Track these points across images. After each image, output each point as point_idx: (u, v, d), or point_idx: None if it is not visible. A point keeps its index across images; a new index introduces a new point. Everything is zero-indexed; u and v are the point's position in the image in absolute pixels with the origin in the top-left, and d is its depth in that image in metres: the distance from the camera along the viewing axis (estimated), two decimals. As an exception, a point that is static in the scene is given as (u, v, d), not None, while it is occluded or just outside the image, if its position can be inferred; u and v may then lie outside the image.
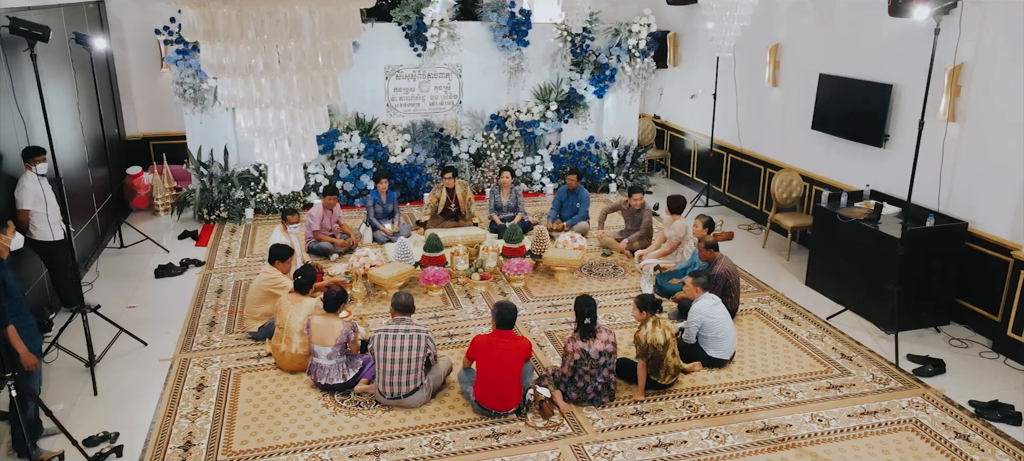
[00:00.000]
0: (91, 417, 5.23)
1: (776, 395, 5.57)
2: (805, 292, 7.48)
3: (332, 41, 2.21)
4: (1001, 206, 6.28)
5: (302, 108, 2.34)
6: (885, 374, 5.86)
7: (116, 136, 9.93)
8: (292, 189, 2.70)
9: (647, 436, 5.05)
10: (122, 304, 7.08)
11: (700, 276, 6.05)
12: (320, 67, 2.22)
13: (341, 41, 2.29)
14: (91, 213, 8.54)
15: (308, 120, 2.42)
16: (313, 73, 2.30)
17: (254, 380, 5.72)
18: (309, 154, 2.69)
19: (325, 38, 2.17)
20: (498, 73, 10.82)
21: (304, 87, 2.29)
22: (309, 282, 6.00)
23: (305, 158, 2.65)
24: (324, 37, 2.16)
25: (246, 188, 9.58)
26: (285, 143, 2.55)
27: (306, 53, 2.18)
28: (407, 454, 4.85)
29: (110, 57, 9.82)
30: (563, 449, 4.91)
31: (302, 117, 2.38)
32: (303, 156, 2.61)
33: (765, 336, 6.50)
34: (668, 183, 11.72)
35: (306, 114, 2.39)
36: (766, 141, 9.43)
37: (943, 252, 6.55)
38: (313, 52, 2.19)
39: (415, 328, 5.31)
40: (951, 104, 6.62)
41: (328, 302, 5.56)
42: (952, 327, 6.70)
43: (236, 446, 4.91)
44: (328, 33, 2.17)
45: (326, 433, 5.06)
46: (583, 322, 5.29)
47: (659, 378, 5.52)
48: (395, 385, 5.25)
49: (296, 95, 2.29)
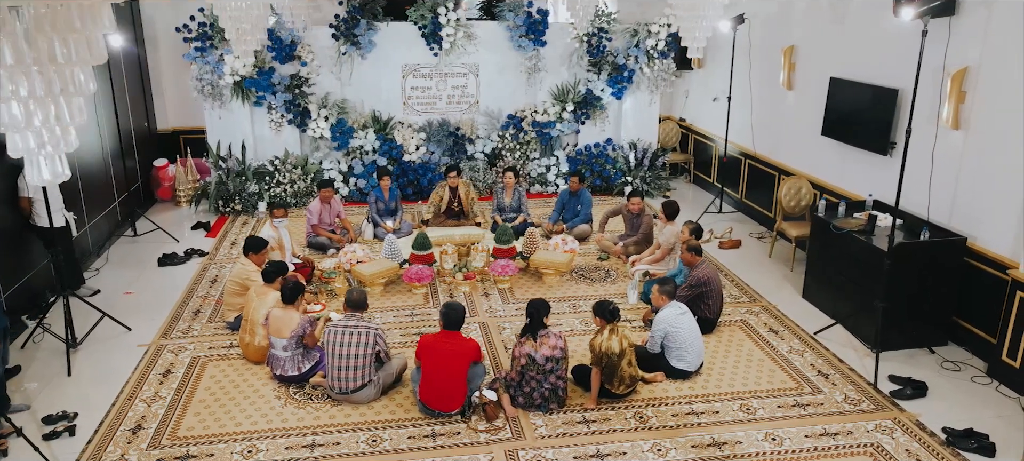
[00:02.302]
0: (59, 396, 5.48)
1: (735, 410, 5.35)
2: (800, 305, 7.16)
3: (74, 35, 2.23)
4: (1001, 221, 5.85)
5: (52, 101, 2.38)
6: (859, 394, 5.55)
7: (146, 129, 10.39)
8: (58, 179, 2.72)
9: (586, 446, 4.93)
10: (123, 290, 7.40)
11: (666, 284, 5.88)
12: (60, 61, 2.26)
13: (82, 35, 2.29)
14: (111, 202, 8.97)
15: (62, 112, 2.46)
16: (61, 66, 2.34)
17: (219, 369, 5.88)
18: (70, 145, 2.70)
19: (64, 32, 2.20)
20: (515, 73, 10.78)
21: (48, 80, 2.33)
22: (275, 274, 6.12)
23: (66, 148, 2.66)
24: (63, 31, 2.19)
25: (260, 182, 9.85)
26: (44, 134, 2.57)
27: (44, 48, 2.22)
28: (342, 449, 4.89)
29: (141, 53, 10.27)
30: (497, 454, 4.85)
31: (50, 109, 2.40)
32: (63, 147, 2.64)
33: (743, 349, 6.25)
34: (690, 188, 11.43)
35: (61, 106, 2.42)
36: (780, 146, 9.08)
37: (939, 268, 6.15)
38: (51, 46, 2.22)
39: (364, 325, 5.35)
40: (955, 111, 6.21)
41: (284, 294, 5.66)
42: (949, 348, 6.28)
43: (182, 432, 5.06)
44: (58, 27, 2.20)
45: (271, 424, 5.15)
46: (531, 325, 5.23)
47: (613, 387, 5.39)
48: (343, 380, 5.30)
49: (41, 88, 2.34)
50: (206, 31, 9.49)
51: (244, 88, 9.79)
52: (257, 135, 10.24)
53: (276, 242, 7.25)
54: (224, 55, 9.48)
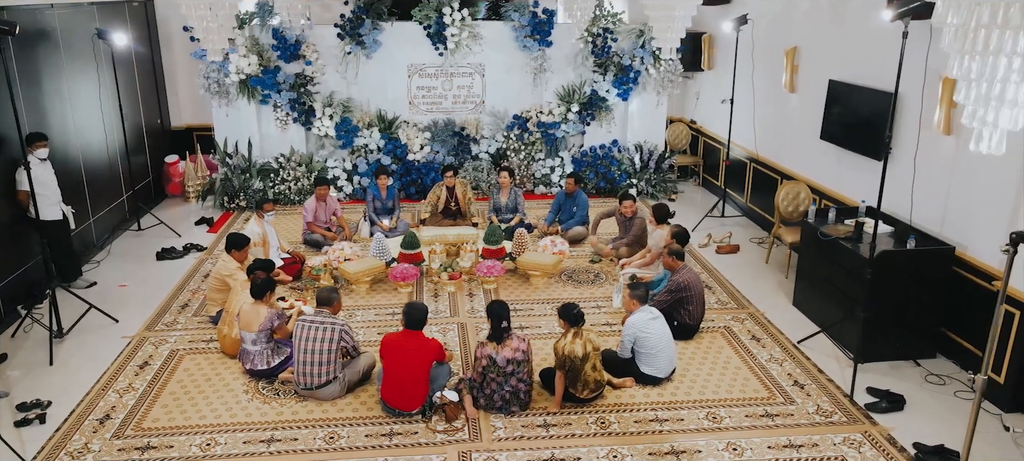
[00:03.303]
0: (39, 385, 5.64)
1: (700, 419, 5.25)
2: (789, 313, 6.99)
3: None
4: (990, 230, 5.63)
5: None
6: (833, 406, 5.40)
7: (159, 126, 10.65)
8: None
9: (542, 450, 4.89)
10: (118, 282, 7.59)
11: (637, 289, 5.78)
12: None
13: None
14: (119, 196, 9.21)
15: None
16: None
17: (195, 362, 5.98)
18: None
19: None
20: (522, 73, 10.74)
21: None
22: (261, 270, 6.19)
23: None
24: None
25: (265, 179, 10.01)
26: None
27: None
28: (299, 445, 4.93)
29: (156, 52, 10.53)
30: (451, 455, 4.84)
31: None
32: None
33: (720, 356, 6.13)
34: (698, 191, 11.26)
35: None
36: (783, 150, 8.88)
37: (926, 278, 5.94)
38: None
39: (331, 321, 5.39)
40: (946, 115, 6.00)
41: (253, 290, 5.74)
42: (938, 361, 6.07)
43: (148, 423, 5.16)
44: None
45: (235, 418, 5.22)
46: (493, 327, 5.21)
47: (577, 392, 5.33)
48: (308, 376, 5.35)
49: None
50: (213, 30, 9.66)
51: (250, 86, 9.95)
52: (264, 133, 10.40)
53: (261, 238, 7.35)
54: (229, 54, 9.64)
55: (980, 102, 3.25)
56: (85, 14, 8.48)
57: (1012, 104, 3.17)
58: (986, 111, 3.24)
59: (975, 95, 3.28)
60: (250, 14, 9.89)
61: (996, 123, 3.23)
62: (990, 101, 3.21)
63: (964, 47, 3.24)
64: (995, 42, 3.11)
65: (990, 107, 3.22)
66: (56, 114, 7.72)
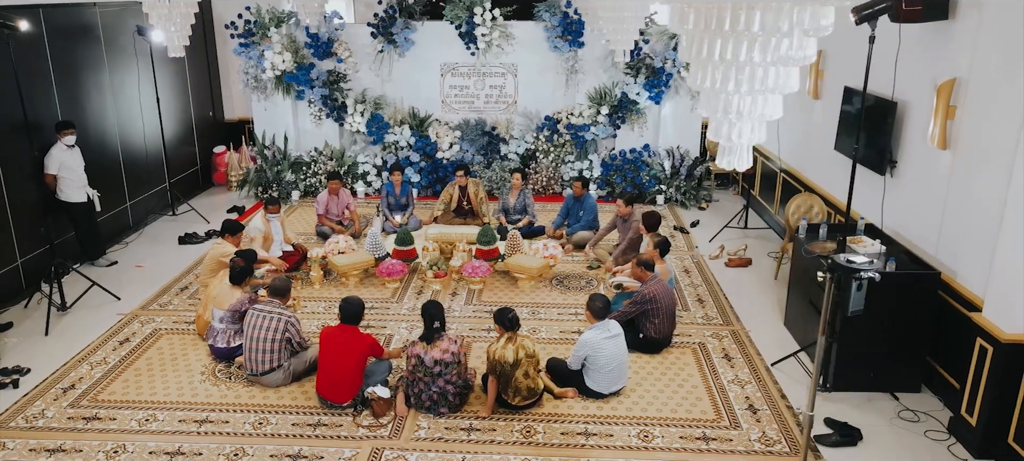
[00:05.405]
0: (28, 353, 6.13)
1: (630, 437, 5.04)
2: (778, 332, 6.58)
3: None
4: (975, 256, 5.09)
5: None
6: (779, 435, 5.04)
7: (211, 118, 11.29)
8: None
9: (454, 454, 4.84)
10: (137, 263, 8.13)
11: (596, 301, 5.59)
12: None
13: None
14: (161, 182, 9.85)
15: None
16: None
17: (169, 341, 6.33)
18: None
19: None
20: (555, 74, 10.63)
21: None
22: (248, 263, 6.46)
23: None
24: None
25: (297, 172, 10.41)
26: None
27: None
28: (228, 428, 5.12)
29: (210, 47, 11.17)
30: (363, 450, 4.88)
31: None
32: None
33: (680, 374, 5.85)
34: (736, 200, 10.74)
35: None
36: (804, 160, 8.35)
37: (911, 305, 5.42)
38: None
39: (279, 311, 5.56)
40: (942, 128, 5.46)
41: (232, 276, 6.00)
42: (922, 396, 5.54)
43: (104, 395, 5.51)
44: None
45: (182, 397, 5.48)
46: (425, 327, 5.21)
47: (508, 398, 5.25)
48: (255, 362, 5.54)
49: None
50: (251, 27, 10.15)
51: (285, 82, 10.37)
52: (300, 127, 10.82)
53: (264, 234, 7.63)
54: (265, 51, 10.09)
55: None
56: (130, 13, 9.10)
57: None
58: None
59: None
60: (288, 13, 10.30)
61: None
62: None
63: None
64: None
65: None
66: (93, 105, 8.33)
